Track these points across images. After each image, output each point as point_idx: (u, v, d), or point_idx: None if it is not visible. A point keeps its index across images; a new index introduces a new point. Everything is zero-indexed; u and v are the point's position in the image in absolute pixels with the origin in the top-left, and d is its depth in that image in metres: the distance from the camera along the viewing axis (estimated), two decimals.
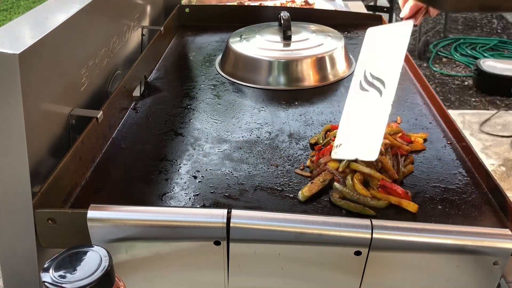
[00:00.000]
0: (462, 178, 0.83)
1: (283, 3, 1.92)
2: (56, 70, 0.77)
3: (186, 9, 1.59)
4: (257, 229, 0.67)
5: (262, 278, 0.72)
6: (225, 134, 0.98)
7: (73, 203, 0.78)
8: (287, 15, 1.26)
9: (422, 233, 0.66)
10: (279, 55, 1.20)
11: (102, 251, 0.55)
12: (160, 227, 0.68)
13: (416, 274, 0.69)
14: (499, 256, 0.65)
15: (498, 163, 2.51)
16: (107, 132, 0.95)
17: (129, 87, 1.07)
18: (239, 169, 0.87)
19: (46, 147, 0.75)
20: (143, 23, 1.30)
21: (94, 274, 0.52)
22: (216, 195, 0.80)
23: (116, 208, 0.69)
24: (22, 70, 0.63)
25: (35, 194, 0.69)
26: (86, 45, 0.90)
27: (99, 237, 0.68)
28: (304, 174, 0.84)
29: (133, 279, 0.71)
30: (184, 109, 1.08)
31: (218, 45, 1.45)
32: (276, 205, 0.78)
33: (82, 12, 0.83)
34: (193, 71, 1.29)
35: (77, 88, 0.87)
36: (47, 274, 0.52)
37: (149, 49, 1.22)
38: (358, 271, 0.68)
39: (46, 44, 0.71)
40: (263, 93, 1.16)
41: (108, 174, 0.87)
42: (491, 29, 4.49)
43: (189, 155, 0.91)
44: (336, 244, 0.67)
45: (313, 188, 0.79)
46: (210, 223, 0.67)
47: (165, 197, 0.80)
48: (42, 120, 0.73)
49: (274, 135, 0.97)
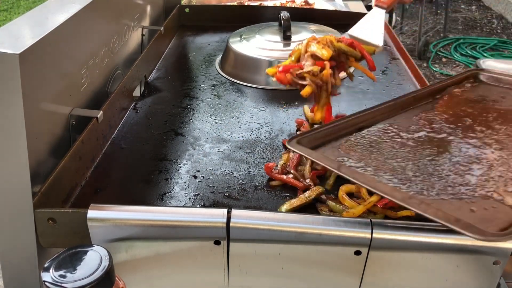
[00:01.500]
0: None
1: (283, 3, 1.92)
2: (56, 70, 0.78)
3: (186, 9, 1.59)
4: (257, 229, 0.67)
5: (262, 278, 0.72)
6: (225, 134, 0.98)
7: (73, 203, 0.79)
8: (287, 15, 1.26)
9: (422, 232, 0.66)
10: (279, 55, 1.20)
11: (102, 250, 0.55)
12: (160, 227, 0.68)
13: (416, 274, 0.69)
14: (499, 256, 0.65)
15: None
16: (107, 132, 0.95)
17: (129, 87, 1.07)
18: (239, 169, 0.87)
19: (46, 147, 0.75)
20: (143, 23, 1.30)
21: (94, 274, 0.52)
22: (216, 195, 0.80)
23: (116, 208, 0.69)
24: (22, 70, 0.63)
25: (35, 194, 0.69)
26: (86, 45, 0.90)
27: (99, 237, 0.68)
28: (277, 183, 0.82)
29: (133, 279, 0.71)
30: (184, 109, 1.08)
31: (218, 45, 1.45)
32: (276, 205, 0.78)
33: (82, 12, 0.83)
34: (193, 71, 1.29)
35: (77, 88, 0.87)
36: (47, 273, 0.52)
37: (149, 49, 1.22)
38: (358, 271, 0.68)
39: (46, 44, 0.71)
40: (263, 93, 1.16)
41: (108, 174, 0.87)
42: (491, 29, 4.49)
43: (189, 155, 0.91)
44: (336, 244, 0.67)
45: (294, 203, 0.76)
46: (210, 223, 0.67)
47: (165, 197, 0.80)
48: (42, 120, 0.74)
49: (274, 135, 0.97)
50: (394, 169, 0.75)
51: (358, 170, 0.75)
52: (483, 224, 0.62)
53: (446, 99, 0.96)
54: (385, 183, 0.72)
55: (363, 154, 0.79)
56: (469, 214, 0.65)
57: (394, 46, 1.39)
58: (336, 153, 0.80)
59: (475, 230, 0.60)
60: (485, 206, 0.67)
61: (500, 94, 0.96)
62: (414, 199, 0.68)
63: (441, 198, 0.69)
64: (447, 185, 0.71)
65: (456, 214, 0.64)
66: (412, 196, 0.69)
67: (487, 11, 4.90)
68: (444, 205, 0.67)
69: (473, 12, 4.89)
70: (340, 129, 0.85)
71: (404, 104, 0.93)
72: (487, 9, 4.95)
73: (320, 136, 0.83)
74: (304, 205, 0.76)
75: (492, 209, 0.66)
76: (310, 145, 0.81)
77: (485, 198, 0.68)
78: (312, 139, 0.82)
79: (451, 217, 0.63)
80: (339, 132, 0.85)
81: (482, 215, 0.65)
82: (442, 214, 0.64)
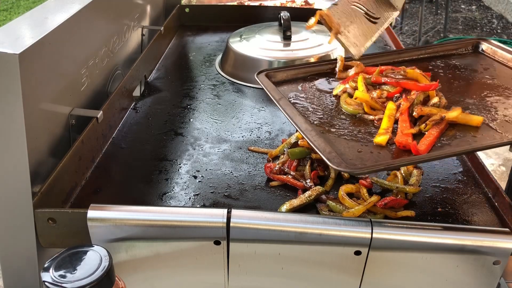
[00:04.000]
0: (462, 178, 0.83)
1: (283, 3, 1.92)
2: (56, 70, 0.77)
3: (186, 9, 1.59)
4: (257, 229, 0.67)
5: (262, 278, 0.71)
6: (225, 134, 0.98)
7: (73, 203, 0.78)
8: (287, 15, 1.26)
9: (422, 232, 0.66)
10: (279, 55, 1.20)
11: (102, 251, 0.55)
12: (160, 227, 0.68)
13: (416, 274, 0.69)
14: (499, 256, 0.65)
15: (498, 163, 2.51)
16: (107, 132, 0.95)
17: (129, 87, 1.07)
18: (239, 169, 0.87)
19: (46, 147, 0.75)
20: (143, 23, 1.30)
21: (94, 274, 0.52)
22: (216, 195, 0.80)
23: (116, 208, 0.69)
24: (22, 70, 0.63)
25: (35, 194, 0.69)
26: (86, 45, 0.90)
27: (99, 237, 0.68)
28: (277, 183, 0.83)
29: (133, 279, 0.71)
30: (184, 109, 1.08)
31: (218, 45, 1.45)
32: (276, 205, 0.78)
33: (82, 12, 0.83)
34: (193, 71, 1.29)
35: (77, 88, 0.87)
36: (47, 273, 0.52)
37: (149, 49, 1.22)
38: (358, 271, 0.68)
39: (46, 44, 0.71)
40: (263, 93, 1.16)
41: (108, 174, 0.87)
42: (491, 29, 4.49)
43: (189, 155, 0.91)
44: (336, 244, 0.67)
45: (295, 203, 0.76)
46: (210, 223, 0.67)
47: (165, 197, 0.80)
48: (42, 120, 0.74)
49: (274, 135, 0.97)
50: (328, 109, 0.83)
51: (296, 106, 0.83)
52: (355, 161, 0.68)
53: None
54: (304, 118, 0.79)
55: (314, 94, 0.87)
56: (352, 152, 0.71)
57: (394, 46, 1.39)
58: (291, 89, 0.89)
59: (337, 162, 0.66)
60: (373, 151, 0.72)
61: (486, 65, 0.98)
62: (314, 133, 0.74)
63: (343, 138, 0.75)
64: (357, 130, 0.77)
65: (341, 150, 0.70)
66: (316, 130, 0.75)
67: (487, 11, 4.90)
68: (339, 142, 0.73)
69: (473, 12, 4.89)
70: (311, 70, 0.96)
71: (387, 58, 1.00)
72: (487, 9, 4.94)
73: (291, 74, 0.94)
74: (304, 205, 0.76)
75: (377, 154, 0.71)
76: (277, 79, 0.92)
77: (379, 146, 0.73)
78: (282, 75, 0.93)
79: (327, 149, 0.69)
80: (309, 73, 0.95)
81: (362, 155, 0.70)
82: (324, 145, 0.70)
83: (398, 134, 0.73)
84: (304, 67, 0.96)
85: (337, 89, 0.88)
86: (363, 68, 0.92)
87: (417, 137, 0.74)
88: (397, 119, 0.77)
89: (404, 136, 0.72)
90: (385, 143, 0.73)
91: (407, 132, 0.73)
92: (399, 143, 0.72)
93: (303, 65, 0.97)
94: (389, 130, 0.75)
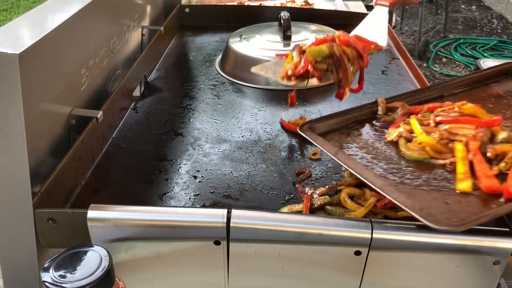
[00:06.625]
0: None
1: (283, 3, 1.93)
2: (56, 70, 0.77)
3: (186, 9, 1.59)
4: (257, 229, 0.67)
5: (262, 278, 0.71)
6: (225, 134, 0.98)
7: (73, 203, 0.78)
8: (287, 15, 1.26)
9: (422, 232, 0.66)
10: None
11: (102, 251, 0.55)
12: (160, 227, 0.68)
13: (416, 274, 0.69)
14: (499, 256, 0.65)
15: None
16: (107, 132, 0.95)
17: (129, 87, 1.07)
18: (239, 169, 0.87)
19: (46, 147, 0.75)
20: (143, 23, 1.30)
21: (94, 274, 0.52)
22: (216, 195, 0.80)
23: (116, 208, 0.69)
24: (22, 70, 0.63)
25: (35, 194, 0.69)
26: (86, 45, 0.90)
27: (99, 237, 0.68)
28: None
29: (133, 279, 0.71)
30: (184, 109, 1.08)
31: (218, 45, 1.45)
32: (276, 205, 0.78)
33: (82, 12, 0.83)
34: (193, 71, 1.29)
35: (77, 88, 0.87)
36: (47, 274, 0.52)
37: (149, 49, 1.22)
38: (358, 271, 0.68)
39: (46, 44, 0.71)
40: (263, 93, 1.16)
41: (108, 174, 0.87)
42: (491, 29, 4.49)
43: (189, 155, 0.91)
44: (336, 244, 0.66)
45: (294, 208, 0.76)
46: (210, 223, 0.67)
47: (165, 197, 0.80)
48: (42, 120, 0.73)
49: (274, 135, 0.97)
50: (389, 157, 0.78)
51: (354, 158, 0.77)
52: (447, 215, 0.64)
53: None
54: (371, 171, 0.74)
55: (367, 142, 0.82)
56: (440, 205, 0.66)
57: (394, 46, 1.39)
58: (340, 140, 0.84)
59: (433, 219, 0.62)
60: (460, 200, 0.68)
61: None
62: (391, 187, 0.69)
63: (421, 189, 0.70)
64: (432, 178, 0.72)
65: (427, 204, 0.66)
66: (391, 184, 0.71)
67: (487, 11, 4.90)
68: (420, 195, 0.69)
69: (473, 12, 4.89)
70: (352, 117, 0.91)
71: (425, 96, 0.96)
72: (487, 9, 4.94)
73: (333, 123, 0.88)
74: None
75: (466, 203, 0.67)
76: (321, 131, 0.86)
77: (463, 193, 0.69)
78: (324, 125, 0.88)
79: (417, 206, 0.64)
80: (350, 120, 0.90)
81: (452, 207, 0.66)
82: (410, 202, 0.65)
83: (481, 178, 0.69)
84: (344, 114, 0.91)
85: (391, 135, 0.82)
86: (408, 108, 0.88)
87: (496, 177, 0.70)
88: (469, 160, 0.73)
89: (489, 179, 0.68)
90: (470, 189, 0.68)
91: (490, 174, 0.69)
92: (488, 188, 0.67)
93: (343, 113, 0.91)
94: (468, 174, 0.71)
